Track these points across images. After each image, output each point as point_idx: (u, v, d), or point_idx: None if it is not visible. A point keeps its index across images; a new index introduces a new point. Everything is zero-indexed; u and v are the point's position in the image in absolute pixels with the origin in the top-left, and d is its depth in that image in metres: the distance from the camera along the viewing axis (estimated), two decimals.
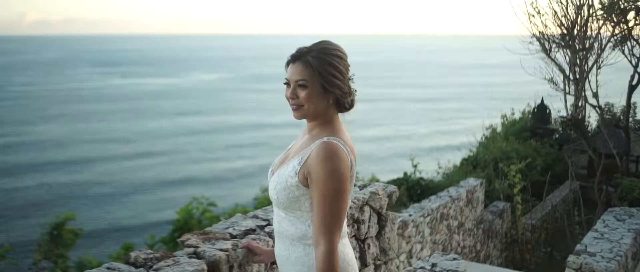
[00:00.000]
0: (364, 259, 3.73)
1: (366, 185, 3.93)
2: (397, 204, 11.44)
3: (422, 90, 70.49)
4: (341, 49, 2.42)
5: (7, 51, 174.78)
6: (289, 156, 2.48)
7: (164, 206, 23.66)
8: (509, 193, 12.75)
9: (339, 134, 2.37)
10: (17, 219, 21.90)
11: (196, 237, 2.92)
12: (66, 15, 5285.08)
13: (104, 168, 32.46)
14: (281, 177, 2.39)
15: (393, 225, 3.94)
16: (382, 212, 3.88)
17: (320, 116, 2.39)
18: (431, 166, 17.72)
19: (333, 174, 2.25)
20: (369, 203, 3.73)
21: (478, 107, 49.09)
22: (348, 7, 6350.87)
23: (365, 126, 44.96)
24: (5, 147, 37.12)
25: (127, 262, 2.69)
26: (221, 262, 2.71)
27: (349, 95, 2.41)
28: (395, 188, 4.10)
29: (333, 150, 2.28)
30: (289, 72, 2.37)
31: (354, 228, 3.63)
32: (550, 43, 13.28)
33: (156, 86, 76.51)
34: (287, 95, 2.39)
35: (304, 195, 2.35)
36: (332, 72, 2.34)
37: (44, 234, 8.19)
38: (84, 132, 43.15)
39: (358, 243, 3.68)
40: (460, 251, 10.62)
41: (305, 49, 2.37)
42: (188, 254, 2.74)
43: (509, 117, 20.68)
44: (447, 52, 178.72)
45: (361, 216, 3.66)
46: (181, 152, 36.92)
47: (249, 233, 3.06)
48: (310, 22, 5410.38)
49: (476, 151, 17.17)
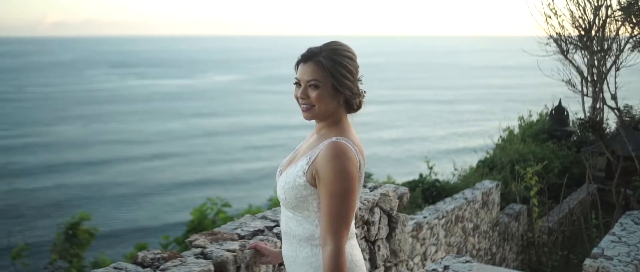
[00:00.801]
0: (374, 261, 3.70)
1: (377, 186, 3.89)
2: (412, 205, 11.39)
3: (439, 91, 70.22)
4: (351, 49, 2.41)
5: (26, 52, 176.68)
6: (297, 156, 2.47)
7: (182, 207, 23.71)
8: (526, 195, 12.64)
9: (347, 134, 2.36)
10: (37, 219, 22.07)
11: (204, 237, 2.91)
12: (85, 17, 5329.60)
13: (122, 169, 32.62)
14: (289, 177, 2.38)
15: (404, 227, 3.90)
16: (393, 214, 3.85)
17: (330, 117, 2.38)
18: (448, 168, 17.64)
19: (341, 174, 2.24)
20: (379, 204, 3.70)
21: (495, 109, 48.84)
22: (360, 8, 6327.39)
23: (382, 128, 44.89)
24: (24, 148, 37.46)
25: (135, 262, 2.68)
26: (228, 263, 2.69)
27: (358, 96, 2.40)
28: (406, 190, 4.06)
29: (341, 150, 2.27)
30: (300, 72, 2.36)
31: (364, 230, 3.60)
32: (567, 44, 13.19)
33: (172, 87, 76.89)
34: (297, 95, 2.37)
35: (311, 195, 2.33)
36: (344, 72, 2.33)
37: (59, 233, 8.23)
38: (102, 133, 43.43)
39: (368, 245, 3.65)
40: (475, 253, 10.53)
41: (317, 49, 2.36)
42: (195, 255, 2.73)
43: (526, 119, 20.53)
44: (462, 54, 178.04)
45: (371, 217, 3.63)
46: (198, 154, 36.99)
47: (257, 234, 3.04)
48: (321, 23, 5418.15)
49: (493, 153, 17.06)
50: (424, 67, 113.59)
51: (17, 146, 38.07)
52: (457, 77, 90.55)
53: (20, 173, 31.06)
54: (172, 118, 50.79)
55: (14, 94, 67.20)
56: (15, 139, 40.17)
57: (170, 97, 65.45)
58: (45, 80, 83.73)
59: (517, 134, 18.75)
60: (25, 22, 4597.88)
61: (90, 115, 51.56)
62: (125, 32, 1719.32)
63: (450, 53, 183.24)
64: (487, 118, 43.80)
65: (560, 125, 18.74)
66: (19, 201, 26.01)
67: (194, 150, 38.04)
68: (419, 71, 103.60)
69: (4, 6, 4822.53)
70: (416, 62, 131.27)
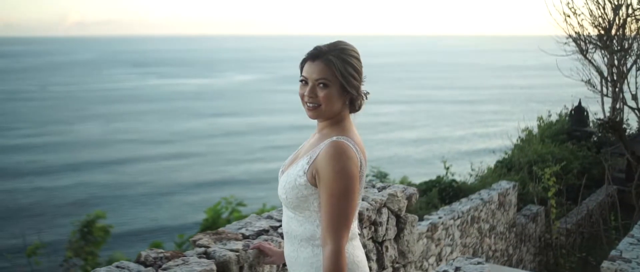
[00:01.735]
0: (381, 262, 3.67)
1: (385, 187, 3.86)
2: (428, 206, 11.32)
3: (459, 91, 69.84)
4: (357, 49, 2.41)
5: (48, 52, 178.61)
6: (299, 156, 2.45)
7: (201, 206, 23.72)
8: (543, 196, 12.52)
9: (348, 134, 2.34)
10: (57, 217, 22.27)
11: (208, 237, 2.90)
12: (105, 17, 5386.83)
13: (141, 168, 32.77)
14: (290, 177, 2.36)
15: (412, 228, 3.86)
16: (401, 215, 3.81)
17: (334, 116, 2.36)
18: (467, 168, 17.53)
19: (341, 173, 2.22)
20: (387, 205, 3.67)
21: (515, 110, 48.47)
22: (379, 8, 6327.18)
23: (403, 128, 44.78)
24: (45, 146, 37.82)
25: (138, 261, 2.68)
26: (231, 262, 2.68)
27: (362, 97, 2.39)
28: (415, 190, 4.02)
29: (342, 149, 2.25)
30: (308, 71, 2.34)
31: (372, 230, 3.57)
32: (586, 44, 13.02)
33: (192, 87, 77.23)
34: (304, 93, 2.35)
35: (312, 195, 2.31)
36: (352, 72, 2.32)
37: (74, 231, 8.28)
38: (121, 132, 43.71)
39: (375, 245, 3.62)
40: (491, 254, 10.45)
41: (325, 47, 2.34)
42: (198, 254, 2.72)
43: (546, 119, 20.33)
44: (481, 53, 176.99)
45: (379, 218, 3.60)
46: (217, 153, 37.07)
47: (261, 234, 3.02)
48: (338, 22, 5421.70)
49: (511, 154, 16.91)
50: (443, 67, 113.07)
51: (39, 144, 38.47)
52: (477, 77, 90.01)
53: (42, 171, 31.36)
54: (192, 117, 50.97)
55: (36, 93, 67.95)
56: (37, 138, 40.61)
57: (189, 97, 65.72)
58: (66, 80, 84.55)
59: (536, 134, 18.59)
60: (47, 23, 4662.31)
61: (111, 114, 51.93)
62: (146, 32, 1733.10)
63: (469, 53, 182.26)
64: (507, 118, 43.45)
65: (580, 125, 18.55)
66: (40, 199, 26.27)
67: (213, 149, 38.12)
68: (438, 71, 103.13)
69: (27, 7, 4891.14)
70: (435, 62, 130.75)
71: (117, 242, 17.74)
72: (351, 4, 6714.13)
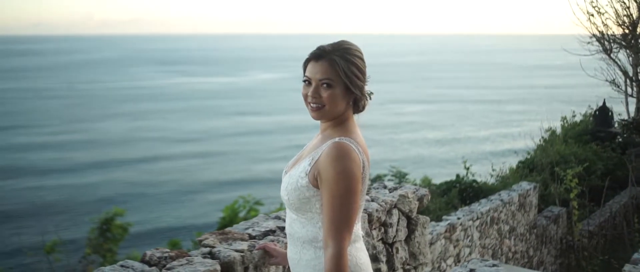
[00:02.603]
0: (391, 264, 3.64)
1: (396, 187, 3.83)
2: (448, 206, 11.24)
3: (483, 91, 69.31)
4: (360, 49, 2.39)
5: (74, 50, 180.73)
6: (302, 157, 2.43)
7: (224, 205, 23.78)
8: (566, 198, 12.36)
9: (351, 135, 2.31)
10: (81, 215, 22.50)
11: (214, 237, 2.90)
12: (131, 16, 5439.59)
13: (165, 166, 32.97)
14: (292, 178, 2.34)
15: (424, 229, 3.83)
16: (412, 216, 3.78)
17: (337, 117, 2.34)
18: (489, 168, 17.39)
19: (343, 175, 2.19)
20: (397, 206, 3.64)
21: (539, 110, 47.99)
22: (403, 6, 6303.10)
23: (427, 128, 44.58)
24: (71, 144, 38.22)
25: (142, 261, 2.68)
26: (235, 263, 2.67)
27: (366, 97, 2.37)
28: (427, 191, 3.99)
29: (344, 150, 2.22)
30: (311, 71, 2.32)
31: (381, 231, 3.54)
32: (610, 43, 12.82)
33: (216, 85, 77.57)
34: (307, 93, 2.33)
35: (314, 196, 2.29)
36: (356, 73, 2.30)
37: (93, 229, 8.36)
38: (146, 130, 44.03)
39: (385, 247, 3.59)
40: (511, 256, 10.34)
41: (329, 47, 2.32)
42: (203, 254, 2.72)
43: (570, 119, 20.08)
44: (505, 53, 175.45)
45: (389, 219, 3.57)
46: (241, 152, 37.16)
47: (268, 234, 3.01)
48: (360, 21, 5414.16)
49: (533, 154, 16.74)
50: (467, 66, 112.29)
51: (65, 142, 38.90)
52: (501, 76, 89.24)
53: (67, 169, 31.70)
54: (216, 116, 51.17)
55: (62, 91, 68.77)
56: (63, 135, 41.07)
57: (214, 95, 66.01)
58: (92, 78, 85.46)
59: (559, 134, 18.38)
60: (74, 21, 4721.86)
61: (135, 112, 52.35)
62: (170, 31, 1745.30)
63: (493, 52, 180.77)
64: (531, 119, 43.05)
65: (604, 126, 18.29)
66: (65, 196, 26.56)
67: (237, 148, 38.21)
68: (463, 70, 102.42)
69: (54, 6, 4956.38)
70: (460, 61, 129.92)
71: (139, 240, 17.92)
72: (375, 3, 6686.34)
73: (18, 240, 16.98)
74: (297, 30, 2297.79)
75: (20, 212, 23.42)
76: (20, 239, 16.71)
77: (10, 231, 20.00)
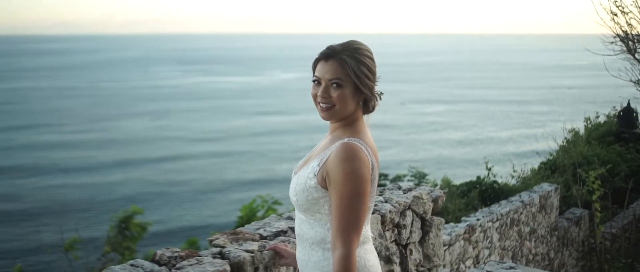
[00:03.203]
0: (405, 265, 3.59)
1: (410, 189, 3.78)
2: (468, 207, 11.15)
3: (506, 91, 68.84)
4: (370, 49, 2.35)
5: (97, 49, 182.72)
6: (311, 158, 2.40)
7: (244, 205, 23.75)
8: (588, 200, 12.19)
9: (360, 135, 2.27)
10: (103, 213, 22.70)
11: (225, 236, 2.88)
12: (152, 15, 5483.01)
13: (187, 165, 33.14)
14: (301, 179, 2.32)
15: (438, 231, 3.77)
16: (427, 217, 3.72)
17: (347, 117, 2.30)
18: (511, 169, 17.26)
19: (351, 176, 2.16)
20: (411, 207, 3.59)
21: (562, 110, 47.52)
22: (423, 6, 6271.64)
23: (449, 128, 44.39)
24: (93, 143, 38.58)
25: (153, 260, 2.67)
26: (245, 263, 2.65)
27: (376, 97, 2.33)
28: (441, 192, 3.93)
29: (353, 151, 2.19)
30: (321, 70, 2.29)
31: (395, 233, 3.49)
32: (635, 43, 12.57)
33: (237, 84, 77.88)
34: (317, 94, 2.31)
35: (323, 197, 2.26)
36: (366, 72, 2.26)
37: (112, 227, 8.41)
38: (167, 129, 44.32)
39: (399, 248, 3.54)
40: (532, 258, 10.23)
41: (338, 47, 2.29)
42: (213, 254, 2.70)
43: (593, 120, 19.83)
44: (528, 53, 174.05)
45: (402, 220, 3.52)
46: (262, 151, 37.23)
47: (279, 235, 2.98)
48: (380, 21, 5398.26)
49: (556, 155, 16.55)
50: (490, 66, 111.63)
51: (87, 140, 39.28)
52: (523, 77, 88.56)
53: (89, 168, 31.98)
54: (237, 115, 51.34)
55: (85, 90, 69.50)
56: (85, 134, 41.48)
57: (234, 95, 66.27)
58: (114, 77, 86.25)
59: (582, 135, 18.17)
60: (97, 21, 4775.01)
61: (157, 111, 52.72)
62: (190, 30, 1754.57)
63: (515, 52, 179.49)
64: (554, 119, 42.65)
65: (628, 127, 18.04)
66: (87, 195, 26.80)
67: (258, 148, 38.29)
68: (486, 70, 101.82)
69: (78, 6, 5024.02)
70: (482, 61, 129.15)
71: (159, 238, 18.00)
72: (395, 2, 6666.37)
73: (39, 238, 17.18)
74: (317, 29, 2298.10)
75: (42, 210, 23.68)
76: (42, 237, 16.90)
77: (32, 228, 20.24)
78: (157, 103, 57.84)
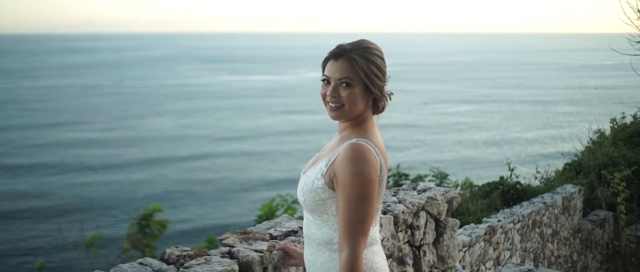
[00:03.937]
0: (418, 267, 3.56)
1: (425, 189, 3.74)
2: (490, 208, 11.03)
3: (532, 91, 68.16)
4: (381, 48, 2.32)
5: (123, 48, 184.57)
6: (320, 158, 2.39)
7: None
8: (613, 201, 12.01)
9: (369, 136, 2.25)
10: (127, 211, 22.88)
11: (235, 236, 2.87)
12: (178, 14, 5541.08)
13: (212, 164, 33.28)
14: (309, 179, 2.30)
15: (453, 232, 3.73)
16: (441, 219, 3.69)
17: (356, 117, 2.28)
18: (534, 170, 17.07)
19: (359, 177, 2.14)
20: (425, 208, 3.55)
21: (589, 111, 46.92)
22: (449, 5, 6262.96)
23: (473, 128, 44.07)
24: (119, 141, 38.94)
25: (162, 259, 2.68)
26: (254, 263, 2.64)
27: (386, 97, 2.30)
28: (456, 193, 3.89)
29: (361, 151, 2.17)
30: (330, 70, 2.28)
31: (408, 234, 3.46)
32: None
33: (263, 83, 78.09)
34: (326, 93, 2.29)
35: (330, 198, 2.24)
36: (376, 72, 2.24)
37: (132, 224, 8.46)
38: (193, 128, 44.56)
39: (412, 249, 3.51)
40: (554, 260, 10.10)
41: (348, 46, 2.28)
42: (222, 254, 2.70)
43: (619, 121, 19.53)
44: (554, 52, 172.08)
45: (416, 221, 3.49)
46: (288, 150, 37.25)
47: (290, 235, 2.97)
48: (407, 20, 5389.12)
49: (580, 156, 16.33)
50: (515, 66, 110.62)
51: (113, 139, 39.66)
52: (549, 77, 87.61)
53: (115, 166, 32.28)
54: (263, 114, 51.45)
55: (112, 88, 70.19)
56: (112, 132, 41.90)
57: (261, 93, 66.45)
58: (140, 75, 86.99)
59: (608, 136, 17.90)
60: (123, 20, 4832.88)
61: (182, 110, 53.04)
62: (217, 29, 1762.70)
63: (540, 52, 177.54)
64: (580, 120, 42.13)
65: None
66: (112, 192, 27.06)
67: (285, 147, 38.31)
68: (511, 70, 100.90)
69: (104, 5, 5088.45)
70: (507, 61, 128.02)
71: (183, 237, 18.09)
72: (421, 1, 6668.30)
73: (65, 235, 17.37)
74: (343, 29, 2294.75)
75: (69, 208, 23.96)
76: (67, 234, 17.09)
77: (58, 225, 20.46)
78: (183, 101, 58.22)
